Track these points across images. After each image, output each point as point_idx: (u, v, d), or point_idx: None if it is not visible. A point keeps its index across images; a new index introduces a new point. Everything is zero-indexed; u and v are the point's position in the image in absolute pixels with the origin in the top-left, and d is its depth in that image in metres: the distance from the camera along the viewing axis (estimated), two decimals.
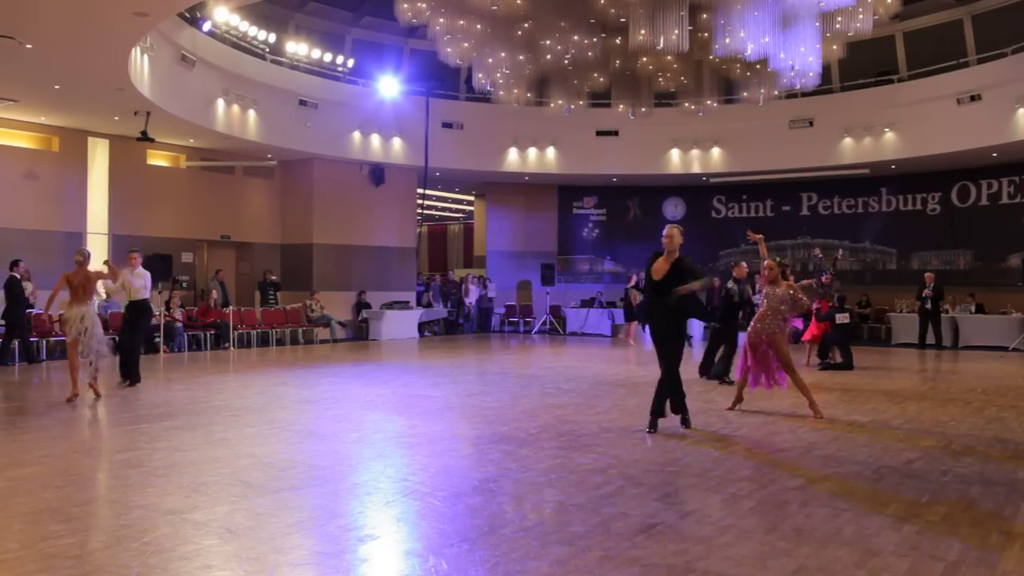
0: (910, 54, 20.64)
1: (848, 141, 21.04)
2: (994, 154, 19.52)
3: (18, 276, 14.80)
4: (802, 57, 16.01)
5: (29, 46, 11.99)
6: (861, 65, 20.53)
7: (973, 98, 18.68)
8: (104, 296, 15.38)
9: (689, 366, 11.29)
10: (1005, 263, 20.71)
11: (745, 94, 19.36)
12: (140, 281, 11.70)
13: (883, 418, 8.98)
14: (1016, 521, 5.05)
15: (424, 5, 16.30)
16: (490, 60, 17.98)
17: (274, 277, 20.85)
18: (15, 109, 15.79)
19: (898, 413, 9.36)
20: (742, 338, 10.08)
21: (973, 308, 19.60)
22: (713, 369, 12.20)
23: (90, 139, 17.92)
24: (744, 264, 12.79)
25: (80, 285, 10.25)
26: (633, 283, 18.83)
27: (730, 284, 12.16)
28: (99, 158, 18.13)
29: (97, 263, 15.86)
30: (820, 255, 17.22)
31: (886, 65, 20.99)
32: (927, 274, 19.57)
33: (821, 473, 6.31)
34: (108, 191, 18.20)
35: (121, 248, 18.24)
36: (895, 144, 20.43)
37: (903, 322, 20.43)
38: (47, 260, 16.90)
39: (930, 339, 19.23)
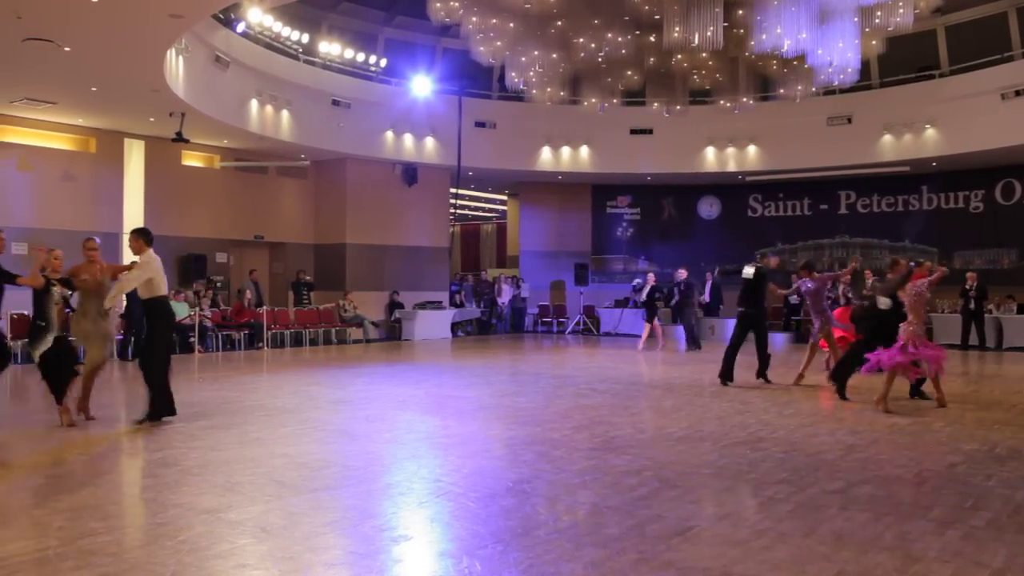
0: (952, 48, 20.30)
1: (888, 138, 20.75)
2: None
3: None
4: (840, 53, 15.82)
5: (67, 49, 12.20)
6: (901, 60, 20.25)
7: (1018, 93, 18.30)
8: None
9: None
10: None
11: (782, 91, 19.17)
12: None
13: (924, 420, 8.85)
14: None
15: (457, 4, 16.36)
16: (523, 58, 17.97)
17: (308, 277, 21.03)
18: (53, 111, 16.07)
19: (940, 415, 9.21)
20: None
21: (1015, 309, 19.25)
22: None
23: (126, 140, 18.19)
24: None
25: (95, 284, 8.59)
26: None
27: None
28: (135, 159, 18.39)
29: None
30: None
31: (927, 60, 20.67)
32: (969, 274, 19.26)
33: (861, 476, 6.22)
34: (144, 191, 18.45)
35: (156, 248, 18.49)
36: (936, 141, 20.11)
37: (945, 323, 20.09)
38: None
39: (973, 340, 18.93)
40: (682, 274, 18.28)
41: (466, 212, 32.21)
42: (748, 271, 12.10)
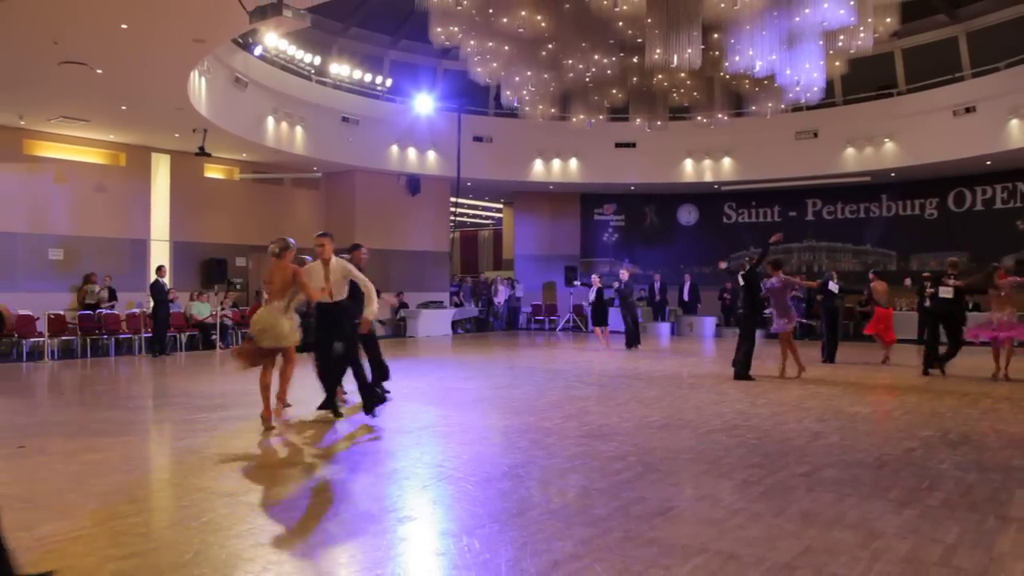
0: (909, 69, 20.38)
1: (850, 151, 20.82)
2: (988, 162, 19.24)
3: (163, 280, 15.43)
4: (807, 73, 15.85)
5: (99, 71, 12.19)
6: (862, 80, 20.32)
7: (968, 110, 18.43)
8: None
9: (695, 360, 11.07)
10: (999, 264, 20.36)
11: (754, 108, 19.20)
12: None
13: (884, 409, 8.87)
14: (1011, 506, 4.96)
15: (456, 28, 16.34)
16: (517, 78, 17.99)
17: None
18: (86, 128, 16.05)
19: (898, 405, 9.23)
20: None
21: (967, 307, 19.24)
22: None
23: (153, 154, 18.17)
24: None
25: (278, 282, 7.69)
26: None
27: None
28: (161, 171, 18.37)
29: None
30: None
31: (886, 80, 20.75)
32: (924, 275, 19.27)
33: (826, 460, 6.23)
34: (169, 201, 18.44)
35: (180, 253, 18.50)
36: (895, 153, 20.18)
37: (903, 320, 20.11)
38: (116, 265, 17.25)
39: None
40: (624, 275, 17.91)
41: (465, 219, 32.19)
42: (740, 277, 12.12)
